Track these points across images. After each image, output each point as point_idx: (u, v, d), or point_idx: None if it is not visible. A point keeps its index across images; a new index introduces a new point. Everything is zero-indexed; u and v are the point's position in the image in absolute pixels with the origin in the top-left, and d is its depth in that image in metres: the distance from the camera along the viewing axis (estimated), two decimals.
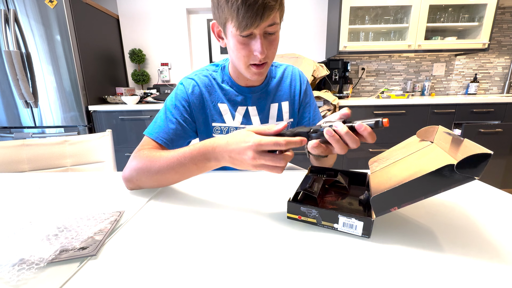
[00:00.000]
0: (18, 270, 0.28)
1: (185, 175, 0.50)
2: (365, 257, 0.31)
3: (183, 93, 0.66)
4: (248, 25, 0.50)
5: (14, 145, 0.86)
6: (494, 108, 1.79)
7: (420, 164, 0.34)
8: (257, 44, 0.54)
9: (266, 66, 0.60)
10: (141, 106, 1.86)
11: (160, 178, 0.51)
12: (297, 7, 2.29)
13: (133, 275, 0.29)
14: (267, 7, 0.48)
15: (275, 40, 0.57)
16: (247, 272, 0.29)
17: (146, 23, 2.34)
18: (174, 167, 0.48)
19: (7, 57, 1.66)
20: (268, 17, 0.50)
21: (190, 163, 0.47)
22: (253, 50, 0.55)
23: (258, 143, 0.38)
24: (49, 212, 0.44)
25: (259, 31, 0.52)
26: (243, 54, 0.56)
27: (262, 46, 0.53)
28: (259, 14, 0.48)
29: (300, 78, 0.75)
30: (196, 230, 0.38)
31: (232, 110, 0.69)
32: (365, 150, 1.92)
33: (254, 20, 0.49)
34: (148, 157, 0.52)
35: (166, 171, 0.49)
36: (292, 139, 0.38)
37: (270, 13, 0.49)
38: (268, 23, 0.51)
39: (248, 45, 0.55)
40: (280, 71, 0.74)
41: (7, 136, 1.91)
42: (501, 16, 2.20)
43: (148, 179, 0.51)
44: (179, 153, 0.48)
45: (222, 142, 0.43)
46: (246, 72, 0.60)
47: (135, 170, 0.52)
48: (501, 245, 0.33)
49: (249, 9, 0.48)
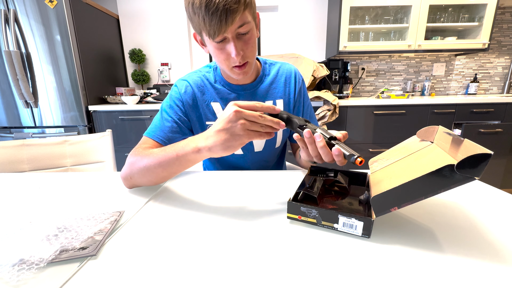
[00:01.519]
0: (18, 270, 0.28)
1: (169, 169, 0.50)
2: (365, 257, 0.31)
3: (177, 94, 0.68)
4: (216, 32, 0.51)
5: (14, 145, 0.86)
6: (494, 108, 1.79)
7: (420, 164, 0.34)
8: (230, 47, 0.55)
9: (248, 65, 0.61)
10: (141, 106, 1.87)
11: (149, 174, 0.51)
12: (297, 7, 2.29)
13: (133, 275, 0.29)
14: (230, 11, 0.49)
15: (250, 39, 0.57)
16: (247, 272, 0.29)
17: (146, 23, 2.34)
18: (160, 161, 0.49)
19: (7, 57, 1.66)
20: (233, 20, 0.50)
21: (172, 153, 0.48)
22: (229, 52, 0.56)
23: (235, 102, 0.42)
24: (49, 212, 0.44)
25: (231, 34, 0.53)
26: (222, 58, 0.58)
27: (236, 49, 0.54)
28: (223, 20, 0.49)
29: (295, 76, 0.75)
30: (196, 230, 0.38)
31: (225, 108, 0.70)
32: (365, 150, 1.92)
33: (220, 26, 0.50)
34: (140, 154, 0.54)
35: (153, 166, 0.50)
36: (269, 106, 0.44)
37: (235, 16, 0.50)
38: (236, 25, 0.52)
39: (224, 49, 0.56)
40: (275, 69, 0.75)
41: (7, 136, 1.90)
42: (501, 16, 2.20)
43: (139, 176, 0.52)
44: (165, 147, 0.51)
45: (204, 132, 0.46)
46: (232, 74, 0.62)
47: (129, 168, 0.53)
48: (501, 245, 0.33)
49: (212, 16, 0.49)
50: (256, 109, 0.42)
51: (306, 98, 0.78)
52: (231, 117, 0.41)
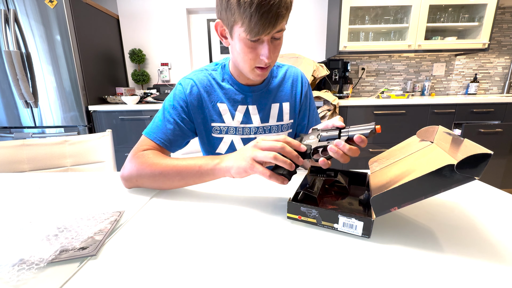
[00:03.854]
0: (18, 270, 0.28)
1: (187, 179, 0.52)
2: (365, 257, 0.31)
3: (181, 94, 0.66)
4: (260, 32, 0.50)
5: (14, 145, 0.86)
6: (494, 108, 1.79)
7: (420, 164, 0.34)
8: (264, 49, 0.54)
9: (269, 69, 0.61)
10: (141, 106, 1.87)
11: (163, 180, 0.53)
12: (297, 7, 2.29)
13: (133, 275, 0.29)
14: (280, 16, 0.49)
15: (279, 45, 0.58)
16: (247, 272, 0.29)
17: (146, 23, 2.34)
18: (179, 170, 0.51)
19: (7, 57, 1.66)
20: (279, 25, 0.51)
21: (193, 166, 0.51)
22: (260, 54, 0.56)
23: (259, 137, 0.45)
24: (49, 212, 0.44)
25: (268, 37, 0.53)
26: (250, 57, 0.57)
27: (269, 52, 0.54)
28: (272, 23, 0.49)
29: (302, 80, 0.75)
30: (196, 230, 0.38)
31: (232, 109, 0.69)
32: (365, 150, 1.92)
33: (266, 28, 0.50)
34: (151, 158, 0.55)
35: (172, 174, 0.52)
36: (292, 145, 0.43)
37: (282, 21, 0.51)
38: (277, 29, 0.52)
39: (255, 49, 0.55)
40: (282, 72, 0.74)
41: (7, 136, 1.90)
42: (501, 16, 2.20)
43: (151, 180, 0.53)
44: (184, 158, 0.53)
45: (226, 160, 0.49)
46: (250, 74, 0.61)
47: (136, 170, 0.53)
48: (501, 245, 0.33)
49: (262, 17, 0.48)
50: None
51: (312, 101, 0.78)
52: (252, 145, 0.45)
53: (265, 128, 0.72)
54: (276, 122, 0.73)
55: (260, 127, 0.71)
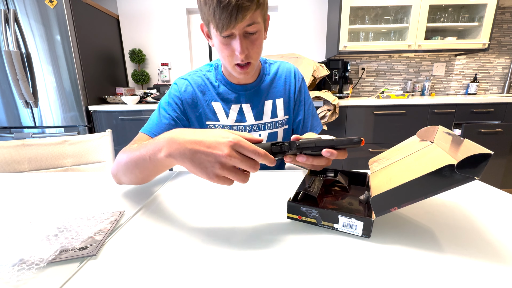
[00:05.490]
0: (18, 270, 0.28)
1: (142, 171, 0.44)
2: (365, 257, 0.31)
3: (176, 92, 0.68)
4: (225, 26, 0.51)
5: (14, 145, 0.86)
6: (494, 108, 1.79)
7: (420, 164, 0.34)
8: (236, 44, 0.55)
9: (250, 67, 0.60)
10: (141, 106, 1.87)
11: (128, 173, 0.46)
12: (297, 7, 2.29)
13: (133, 275, 0.29)
14: (242, 7, 0.49)
15: (257, 40, 0.57)
16: (247, 272, 0.29)
17: (146, 23, 2.34)
18: (135, 160, 0.43)
19: (7, 57, 1.66)
20: (244, 18, 0.50)
21: (144, 153, 0.40)
22: (234, 49, 0.56)
23: (239, 141, 0.33)
24: (49, 212, 0.44)
25: (238, 31, 0.53)
26: (226, 54, 0.57)
27: (241, 46, 0.54)
28: (234, 15, 0.49)
29: (295, 74, 0.75)
30: (196, 230, 0.38)
31: (226, 108, 0.70)
32: (365, 150, 1.92)
33: (229, 21, 0.50)
34: (126, 149, 0.49)
35: (131, 165, 0.44)
36: (269, 156, 0.35)
37: (245, 13, 0.50)
38: (246, 23, 0.52)
39: (229, 45, 0.56)
40: (274, 68, 0.75)
41: (7, 136, 1.90)
42: (501, 16, 2.20)
43: (121, 174, 0.48)
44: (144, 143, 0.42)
45: (187, 132, 0.36)
46: (233, 72, 0.62)
47: (115, 164, 0.50)
48: (501, 245, 0.33)
49: (223, 10, 0.48)
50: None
51: (307, 96, 0.77)
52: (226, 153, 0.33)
53: (259, 126, 0.73)
54: (270, 119, 0.73)
55: (254, 125, 0.72)
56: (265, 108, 0.72)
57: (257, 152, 0.34)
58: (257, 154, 0.34)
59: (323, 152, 0.37)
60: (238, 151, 0.34)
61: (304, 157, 0.38)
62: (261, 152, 0.34)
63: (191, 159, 0.34)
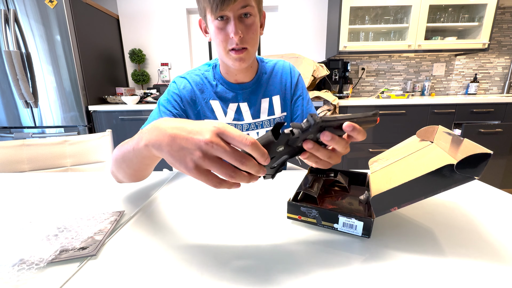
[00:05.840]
0: (18, 270, 0.28)
1: (128, 165, 0.41)
2: (365, 257, 0.31)
3: (175, 89, 0.69)
4: (219, 6, 0.52)
5: (14, 145, 0.86)
6: (494, 108, 1.79)
7: (420, 164, 0.34)
8: (231, 26, 0.56)
9: (246, 53, 0.60)
10: (141, 106, 1.87)
11: (119, 168, 0.44)
12: (297, 7, 2.29)
13: (133, 275, 0.29)
14: None
15: (252, 25, 0.58)
16: (247, 272, 0.29)
17: (146, 23, 2.34)
18: (122, 154, 0.41)
19: (7, 57, 1.66)
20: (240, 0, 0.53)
21: (130, 145, 0.37)
22: (228, 33, 0.57)
23: (223, 127, 0.28)
24: (49, 212, 0.44)
25: (232, 13, 0.55)
26: (221, 39, 0.58)
27: (235, 27, 0.55)
28: None
29: (290, 71, 0.76)
30: (196, 230, 0.38)
31: (224, 107, 0.71)
32: (365, 150, 1.92)
33: (224, 0, 0.52)
34: (118, 146, 0.45)
35: (119, 159, 0.42)
36: (260, 147, 0.27)
37: None
38: (239, 4, 0.54)
39: (224, 29, 0.57)
40: (270, 66, 0.75)
41: (7, 136, 1.90)
42: (501, 16, 2.20)
43: (115, 171, 0.47)
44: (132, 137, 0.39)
45: (173, 120, 0.32)
46: (228, 60, 0.62)
47: (111, 162, 0.48)
48: (501, 245, 0.33)
49: None
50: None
51: (305, 92, 0.77)
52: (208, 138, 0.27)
53: (257, 124, 0.73)
54: (268, 117, 0.74)
55: (252, 123, 0.73)
56: (262, 105, 0.73)
57: (243, 138, 0.27)
58: (243, 143, 0.27)
59: (345, 126, 0.30)
60: (224, 139, 0.28)
61: (329, 135, 0.30)
62: (248, 141, 0.27)
63: (169, 145, 0.29)
